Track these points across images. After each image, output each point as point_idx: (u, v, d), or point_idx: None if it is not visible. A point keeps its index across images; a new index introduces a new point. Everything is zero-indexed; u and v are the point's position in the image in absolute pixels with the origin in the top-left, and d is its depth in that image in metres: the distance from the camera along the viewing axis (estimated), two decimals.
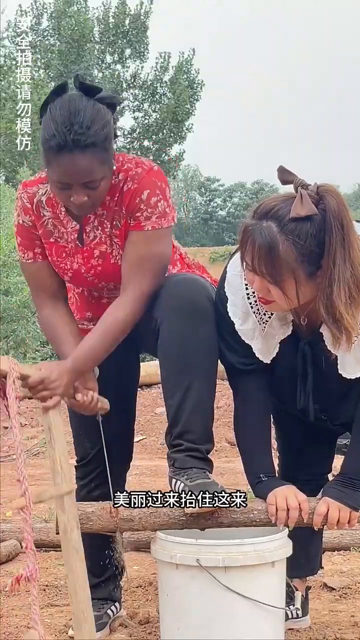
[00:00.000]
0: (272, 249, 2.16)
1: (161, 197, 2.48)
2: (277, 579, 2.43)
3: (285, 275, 2.18)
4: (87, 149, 2.32)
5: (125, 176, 2.49)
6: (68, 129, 2.30)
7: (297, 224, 2.16)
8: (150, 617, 2.89)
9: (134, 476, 5.86)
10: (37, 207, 2.57)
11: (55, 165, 2.35)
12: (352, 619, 2.91)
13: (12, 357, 2.07)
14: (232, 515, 2.36)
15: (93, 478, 2.82)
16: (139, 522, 2.37)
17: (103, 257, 2.56)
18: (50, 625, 2.87)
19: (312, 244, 2.16)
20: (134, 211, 2.48)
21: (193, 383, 2.42)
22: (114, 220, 2.52)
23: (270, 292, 2.24)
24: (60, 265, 2.60)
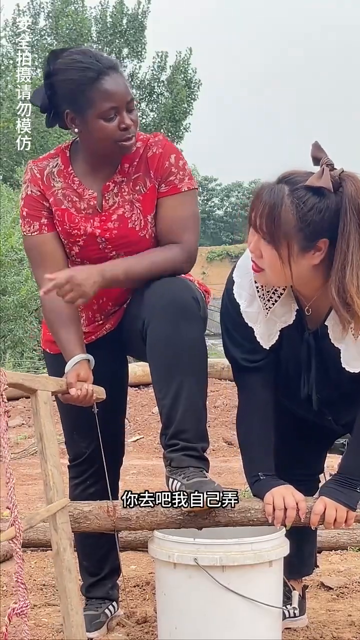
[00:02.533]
0: (275, 207, 2.19)
1: (184, 160, 2.60)
2: (275, 578, 2.43)
3: (280, 238, 2.20)
4: (117, 68, 2.49)
5: (144, 144, 2.58)
6: (94, 60, 2.46)
7: (307, 193, 2.19)
8: (148, 616, 2.89)
9: (131, 475, 5.86)
10: (47, 178, 2.59)
11: (102, 92, 2.45)
12: (349, 618, 2.92)
13: (2, 368, 2.05)
14: (229, 514, 2.36)
15: (87, 477, 2.82)
16: (136, 522, 2.37)
17: (120, 220, 2.58)
18: (47, 625, 2.87)
19: (315, 217, 2.18)
20: (165, 175, 2.56)
21: (184, 382, 2.42)
22: (137, 185, 2.57)
23: (262, 256, 2.26)
24: (73, 232, 2.59)
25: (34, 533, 3.71)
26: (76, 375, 2.46)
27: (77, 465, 2.85)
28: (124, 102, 2.47)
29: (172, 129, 29.44)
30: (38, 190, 2.60)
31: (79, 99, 2.46)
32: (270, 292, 2.41)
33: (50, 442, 2.22)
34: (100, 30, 29.09)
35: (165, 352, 2.44)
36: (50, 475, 2.19)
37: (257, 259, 2.29)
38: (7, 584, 3.31)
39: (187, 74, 29.61)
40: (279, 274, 2.26)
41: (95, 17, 29.16)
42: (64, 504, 2.21)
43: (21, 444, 7.55)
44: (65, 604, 2.15)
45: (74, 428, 2.81)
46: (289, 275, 2.26)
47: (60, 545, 2.18)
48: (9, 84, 23.71)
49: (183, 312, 2.44)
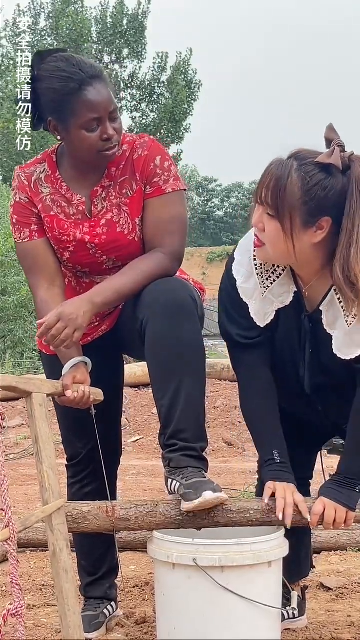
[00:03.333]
0: (281, 179, 2.23)
1: (171, 162, 2.59)
2: (274, 579, 2.43)
3: (285, 210, 2.23)
4: (101, 78, 2.46)
5: (130, 146, 2.58)
6: (77, 68, 2.44)
7: (315, 169, 2.23)
8: (147, 616, 2.88)
9: (131, 476, 5.86)
10: (35, 185, 2.59)
11: (83, 103, 2.43)
12: (348, 619, 2.92)
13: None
14: (228, 515, 2.36)
15: (84, 477, 2.82)
16: (135, 522, 2.37)
17: (109, 225, 2.58)
18: (47, 625, 2.87)
19: (320, 193, 2.22)
20: (150, 176, 2.55)
21: (183, 382, 2.42)
22: (124, 189, 2.57)
23: (265, 230, 2.29)
24: (62, 238, 2.59)
25: (33, 533, 3.71)
26: (72, 378, 2.45)
27: (74, 466, 2.85)
28: (107, 112, 2.45)
29: (173, 129, 29.44)
30: (26, 197, 2.60)
31: (61, 108, 2.45)
32: (270, 272, 2.42)
33: (45, 444, 2.23)
34: (101, 30, 29.09)
35: (164, 352, 2.43)
36: (46, 477, 2.20)
37: (260, 232, 2.32)
38: (6, 584, 3.31)
39: (187, 74, 29.61)
40: (280, 249, 2.29)
41: (95, 18, 29.15)
42: (59, 505, 2.21)
43: (21, 444, 7.55)
44: (62, 604, 2.16)
45: (70, 428, 2.81)
46: (290, 251, 2.28)
47: (56, 546, 2.18)
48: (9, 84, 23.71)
49: (181, 311, 2.44)
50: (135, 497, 5.11)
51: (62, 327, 2.36)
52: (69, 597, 2.15)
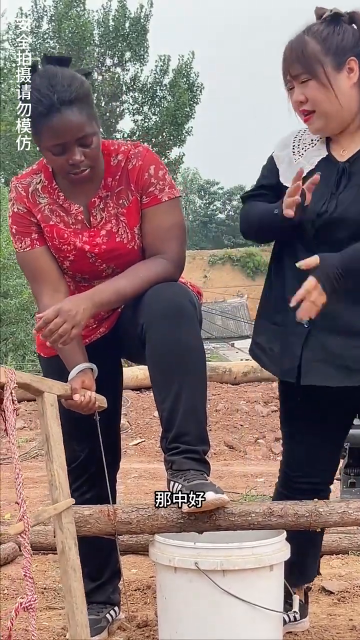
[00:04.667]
0: (299, 46, 2.49)
1: (165, 170, 2.59)
2: (275, 583, 2.43)
3: (313, 65, 2.47)
4: (74, 103, 2.40)
5: (125, 156, 2.57)
6: (51, 90, 2.40)
7: (321, 26, 2.51)
8: (149, 620, 2.89)
9: (132, 479, 5.87)
10: (32, 196, 2.59)
11: (48, 128, 2.41)
12: (350, 623, 2.92)
13: (10, 367, 2.06)
14: (229, 518, 2.36)
15: (83, 482, 2.80)
16: (136, 525, 2.37)
17: (109, 235, 2.58)
18: (48, 629, 2.87)
19: (335, 39, 2.48)
20: (145, 186, 2.56)
21: (184, 386, 2.43)
22: (120, 199, 2.57)
23: (306, 99, 2.51)
24: (63, 247, 2.59)
25: (34, 536, 3.71)
26: (81, 382, 2.47)
27: (71, 471, 2.83)
28: (73, 139, 2.42)
29: (175, 132, 29.46)
30: (24, 207, 2.60)
31: (33, 126, 2.45)
32: (305, 144, 2.64)
33: (56, 443, 2.24)
34: (103, 33, 29.11)
35: (165, 356, 2.44)
36: (56, 476, 2.22)
37: (304, 105, 2.52)
38: (7, 587, 3.31)
39: (189, 77, 29.63)
40: (326, 105, 2.49)
41: (97, 21, 29.17)
42: (69, 503, 2.22)
43: (22, 447, 7.56)
44: (70, 602, 2.16)
45: (68, 431, 2.79)
46: (334, 101, 2.48)
47: (65, 545, 2.19)
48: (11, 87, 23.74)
49: (181, 316, 2.45)
50: (136, 500, 5.11)
51: (61, 322, 2.37)
52: (77, 596, 2.16)
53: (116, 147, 2.59)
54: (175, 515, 2.36)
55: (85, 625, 2.16)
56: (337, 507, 2.40)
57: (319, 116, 2.52)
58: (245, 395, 9.99)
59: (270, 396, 10.00)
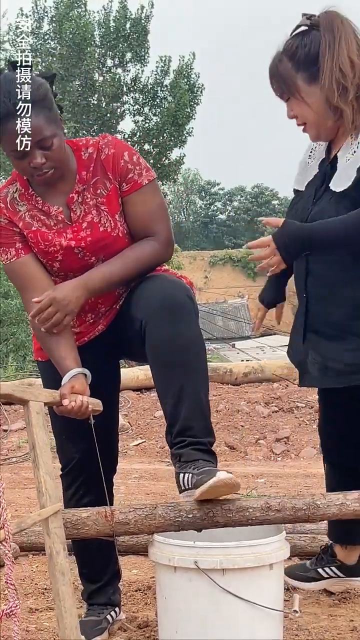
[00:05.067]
0: (276, 67, 2.68)
1: (137, 154, 2.64)
2: (275, 581, 2.43)
3: (289, 83, 2.65)
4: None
5: (95, 148, 2.61)
6: (7, 96, 2.42)
7: (291, 41, 2.66)
8: (150, 620, 2.88)
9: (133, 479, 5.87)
10: (11, 205, 2.61)
11: (7, 135, 2.44)
12: (350, 624, 2.91)
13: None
14: (227, 514, 2.36)
15: (80, 485, 2.79)
16: (134, 526, 2.37)
17: (91, 227, 2.60)
18: (49, 629, 2.87)
19: (302, 51, 2.63)
20: (124, 173, 2.60)
21: (187, 380, 2.44)
22: (98, 189, 2.60)
23: (296, 114, 2.69)
24: (49, 250, 2.60)
25: (35, 537, 3.71)
26: (70, 388, 2.46)
27: (67, 474, 2.82)
28: (32, 144, 2.44)
29: (175, 133, 29.45)
30: (5, 218, 2.61)
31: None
32: (321, 149, 2.81)
33: (42, 451, 2.26)
34: (104, 34, 29.11)
35: (166, 351, 2.45)
36: (43, 482, 2.24)
37: (295, 119, 2.70)
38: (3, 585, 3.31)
39: (190, 78, 29.62)
40: (312, 116, 2.65)
41: (98, 22, 29.17)
42: (56, 509, 2.23)
43: (23, 447, 7.55)
44: (59, 606, 2.18)
45: (63, 432, 2.79)
46: (315, 111, 2.63)
47: (53, 549, 2.21)
48: None
49: (180, 311, 2.47)
50: (137, 501, 5.11)
51: (54, 311, 2.45)
52: (66, 599, 2.18)
53: (84, 141, 2.63)
54: (173, 514, 2.36)
55: (75, 628, 2.17)
56: (335, 499, 2.40)
57: (310, 127, 2.70)
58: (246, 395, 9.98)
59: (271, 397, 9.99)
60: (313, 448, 8.25)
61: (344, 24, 2.63)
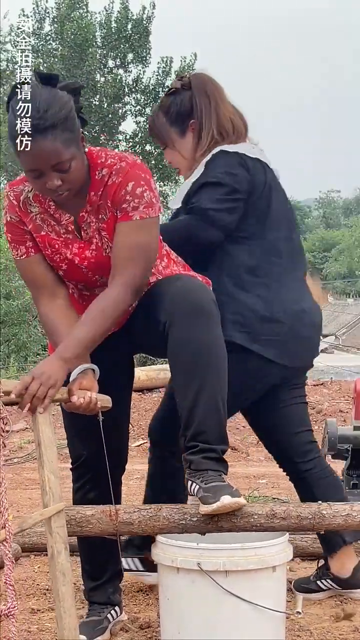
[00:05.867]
0: (152, 122, 3.15)
1: (146, 187, 2.51)
2: (278, 583, 2.43)
3: (164, 136, 3.09)
4: (47, 131, 2.35)
5: (109, 171, 2.52)
6: (27, 114, 2.36)
7: (166, 99, 3.07)
8: (151, 621, 2.88)
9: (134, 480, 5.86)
10: (24, 204, 2.59)
11: (22, 155, 2.39)
12: (353, 624, 2.91)
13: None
14: (232, 519, 2.36)
15: (87, 481, 2.82)
16: (138, 526, 2.37)
17: (97, 249, 2.58)
18: (51, 630, 2.87)
19: (174, 108, 3.05)
20: (120, 203, 2.50)
21: (205, 384, 2.44)
22: (100, 214, 2.55)
23: (170, 160, 3.15)
24: (55, 257, 2.60)
25: (37, 538, 3.71)
26: (79, 384, 2.44)
27: (76, 469, 2.85)
28: (47, 166, 2.39)
29: None
30: (16, 216, 2.60)
31: (13, 148, 2.42)
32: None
33: (47, 449, 2.25)
34: (105, 35, 29.12)
35: (187, 355, 2.45)
36: (47, 481, 2.23)
37: (172, 165, 3.15)
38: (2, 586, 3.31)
39: None
40: (180, 162, 3.09)
41: (100, 22, 29.18)
42: (59, 508, 2.23)
43: (25, 448, 7.55)
44: (58, 607, 2.18)
45: (74, 430, 2.81)
46: (184, 158, 3.07)
47: (55, 549, 2.21)
48: None
49: (204, 315, 2.47)
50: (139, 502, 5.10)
51: (37, 386, 2.32)
52: (65, 600, 2.18)
53: (103, 159, 2.53)
54: (177, 516, 2.36)
55: (74, 629, 2.17)
56: (341, 510, 2.40)
57: (183, 171, 3.11)
58: None
59: None
60: None
61: (216, 87, 3.05)
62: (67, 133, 2.39)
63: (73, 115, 2.43)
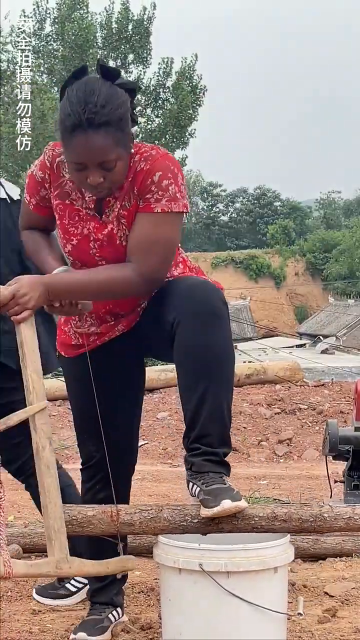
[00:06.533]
0: None
1: (173, 181, 2.47)
2: (279, 585, 2.43)
3: None
4: (101, 128, 2.34)
5: (140, 157, 2.50)
6: (82, 108, 2.33)
7: None
8: (153, 622, 2.88)
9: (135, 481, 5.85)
10: (57, 167, 2.56)
11: (70, 146, 2.38)
12: (353, 626, 2.91)
13: None
14: (232, 521, 2.36)
15: (97, 481, 2.81)
16: (139, 527, 2.37)
17: (110, 236, 2.55)
18: (52, 631, 2.87)
19: None
20: (144, 192, 2.48)
21: (210, 387, 2.42)
22: (124, 200, 2.52)
23: None
24: (70, 229, 2.58)
25: (38, 538, 3.70)
26: None
27: (87, 469, 2.85)
28: (94, 162, 2.37)
29: (178, 134, 29.49)
30: (41, 176, 2.59)
31: (61, 135, 2.42)
32: None
33: (30, 349, 2.35)
34: (106, 36, 29.16)
35: (194, 357, 2.44)
36: (31, 380, 2.34)
37: None
38: (11, 589, 3.31)
39: (192, 80, 29.65)
40: None
41: (100, 23, 29.22)
42: (43, 406, 2.34)
43: None
44: (44, 497, 2.32)
45: (84, 431, 2.81)
46: None
47: (39, 444, 2.32)
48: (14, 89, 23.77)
49: (214, 317, 2.44)
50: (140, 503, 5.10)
51: (13, 305, 2.37)
52: (51, 491, 2.32)
53: (138, 148, 2.52)
54: (178, 518, 2.36)
55: (59, 518, 2.30)
56: (343, 513, 2.39)
57: None
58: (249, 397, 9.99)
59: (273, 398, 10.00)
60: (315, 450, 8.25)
61: None
62: (119, 133, 2.38)
63: (128, 116, 2.42)
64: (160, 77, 29.80)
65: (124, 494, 2.80)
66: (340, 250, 49.93)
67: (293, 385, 10.74)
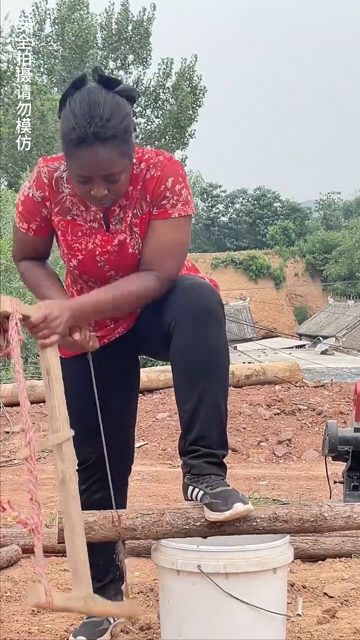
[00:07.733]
0: None
1: (184, 184, 2.49)
2: (279, 586, 2.43)
3: None
4: (108, 141, 2.31)
5: (147, 165, 2.49)
6: (88, 122, 2.29)
7: None
8: (152, 623, 2.88)
9: (135, 482, 5.87)
10: (56, 183, 2.52)
11: (76, 159, 2.35)
12: (353, 626, 2.91)
13: (15, 297, 2.14)
14: (235, 523, 2.35)
15: (93, 482, 2.81)
16: (141, 532, 2.36)
17: (121, 245, 2.53)
18: (51, 631, 2.87)
19: None
20: (159, 199, 2.47)
21: (207, 388, 2.43)
22: (135, 209, 2.51)
23: None
24: (73, 245, 2.56)
25: None
26: None
27: (83, 470, 2.84)
28: (99, 175, 2.35)
29: (177, 135, 29.50)
30: (40, 195, 2.54)
31: (64, 147, 2.39)
32: None
33: (56, 376, 2.25)
34: (106, 36, 29.19)
35: (190, 359, 2.44)
36: (57, 408, 2.24)
37: None
38: (10, 589, 3.31)
39: (192, 80, 29.67)
40: None
41: (100, 24, 29.25)
42: (71, 434, 2.24)
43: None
44: (69, 530, 2.21)
45: (81, 433, 2.80)
46: None
47: (66, 474, 2.21)
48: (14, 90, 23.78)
49: (210, 318, 2.44)
50: (139, 503, 5.10)
51: (44, 327, 2.31)
52: (77, 523, 2.21)
53: (140, 154, 2.50)
54: (180, 521, 2.35)
55: (84, 551, 2.20)
56: (342, 512, 2.40)
57: None
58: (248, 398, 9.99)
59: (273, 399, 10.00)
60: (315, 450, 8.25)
61: None
62: (124, 145, 2.36)
63: (132, 127, 2.41)
64: (160, 78, 29.83)
65: (123, 494, 2.80)
66: (340, 251, 49.94)
67: (292, 386, 10.73)
